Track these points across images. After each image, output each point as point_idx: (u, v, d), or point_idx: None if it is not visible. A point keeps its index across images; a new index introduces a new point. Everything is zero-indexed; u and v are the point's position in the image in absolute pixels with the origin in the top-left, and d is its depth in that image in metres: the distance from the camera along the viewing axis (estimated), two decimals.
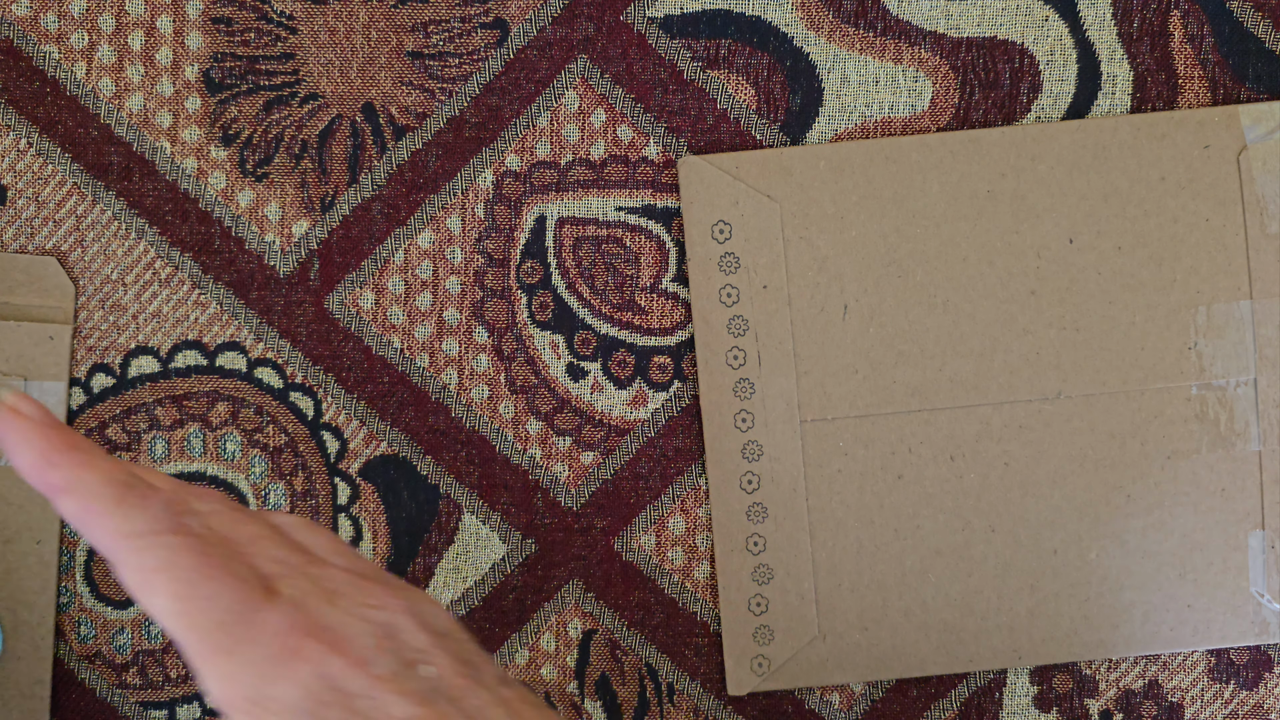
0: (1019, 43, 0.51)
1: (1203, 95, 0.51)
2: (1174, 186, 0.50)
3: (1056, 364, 0.50)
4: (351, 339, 0.51)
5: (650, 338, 0.51)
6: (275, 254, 0.51)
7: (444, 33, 0.51)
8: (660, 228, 0.51)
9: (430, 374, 0.51)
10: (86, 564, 0.51)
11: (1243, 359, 0.50)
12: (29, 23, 0.51)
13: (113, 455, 0.35)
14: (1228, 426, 0.50)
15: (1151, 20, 0.51)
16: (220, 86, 0.51)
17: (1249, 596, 0.51)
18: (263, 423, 0.51)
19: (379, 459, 0.51)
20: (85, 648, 0.51)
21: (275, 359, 0.51)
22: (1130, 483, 0.50)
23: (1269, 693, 0.52)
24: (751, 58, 0.51)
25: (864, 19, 0.51)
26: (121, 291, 0.51)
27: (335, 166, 0.51)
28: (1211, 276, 0.50)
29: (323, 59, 0.51)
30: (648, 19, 0.51)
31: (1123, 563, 0.50)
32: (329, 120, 0.51)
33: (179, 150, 0.51)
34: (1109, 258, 0.50)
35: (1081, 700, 0.52)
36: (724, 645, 0.50)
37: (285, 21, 0.51)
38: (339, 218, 0.51)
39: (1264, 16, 0.51)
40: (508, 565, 0.51)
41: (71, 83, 0.51)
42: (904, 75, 0.51)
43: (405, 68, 0.51)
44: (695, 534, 0.51)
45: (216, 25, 0.51)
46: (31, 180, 0.51)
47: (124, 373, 0.51)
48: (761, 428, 0.50)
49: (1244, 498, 0.50)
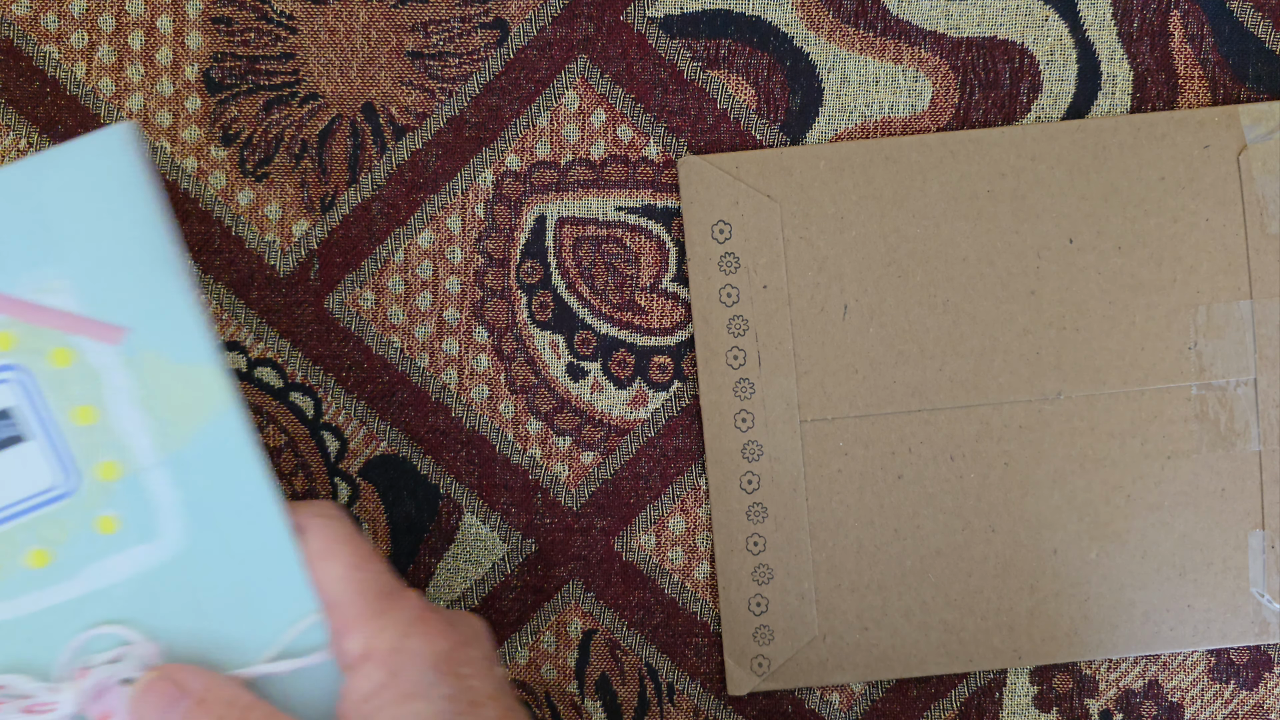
0: (1019, 42, 0.51)
1: (1203, 95, 0.51)
2: (1174, 186, 0.50)
3: (1056, 364, 0.50)
4: (351, 339, 0.51)
5: (650, 338, 0.51)
6: (275, 254, 0.51)
7: (444, 33, 0.51)
8: (660, 228, 0.51)
9: (430, 374, 0.51)
10: None
11: (1243, 359, 0.50)
12: (29, 22, 0.51)
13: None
14: (1228, 426, 0.50)
15: (1151, 20, 0.51)
16: (220, 86, 0.51)
17: (1249, 596, 0.51)
18: (263, 422, 0.51)
19: (379, 459, 0.51)
20: None
21: (275, 359, 0.51)
22: (1130, 483, 0.50)
23: (1269, 693, 0.52)
24: (751, 58, 0.51)
25: (864, 19, 0.51)
26: None
27: (335, 166, 0.51)
28: (1211, 276, 0.50)
29: (323, 59, 0.51)
30: (648, 19, 0.51)
31: (1123, 563, 0.50)
32: (329, 120, 0.51)
33: (179, 150, 0.51)
34: (1109, 258, 0.50)
35: (1081, 700, 0.52)
36: (724, 645, 0.50)
37: (285, 21, 0.51)
38: (339, 217, 0.51)
39: (1264, 16, 0.51)
40: (508, 565, 0.51)
41: (71, 83, 0.51)
42: (904, 75, 0.51)
43: (405, 68, 0.51)
44: (695, 534, 0.51)
45: (216, 25, 0.51)
46: None
47: None
48: (761, 428, 0.50)
49: (1244, 498, 0.50)
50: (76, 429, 0.39)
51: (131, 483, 0.39)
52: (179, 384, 0.39)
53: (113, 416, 0.39)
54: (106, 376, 0.39)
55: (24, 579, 0.39)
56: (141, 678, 0.39)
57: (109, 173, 0.38)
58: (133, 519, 0.39)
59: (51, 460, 0.39)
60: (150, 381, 0.39)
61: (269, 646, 0.40)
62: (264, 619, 0.40)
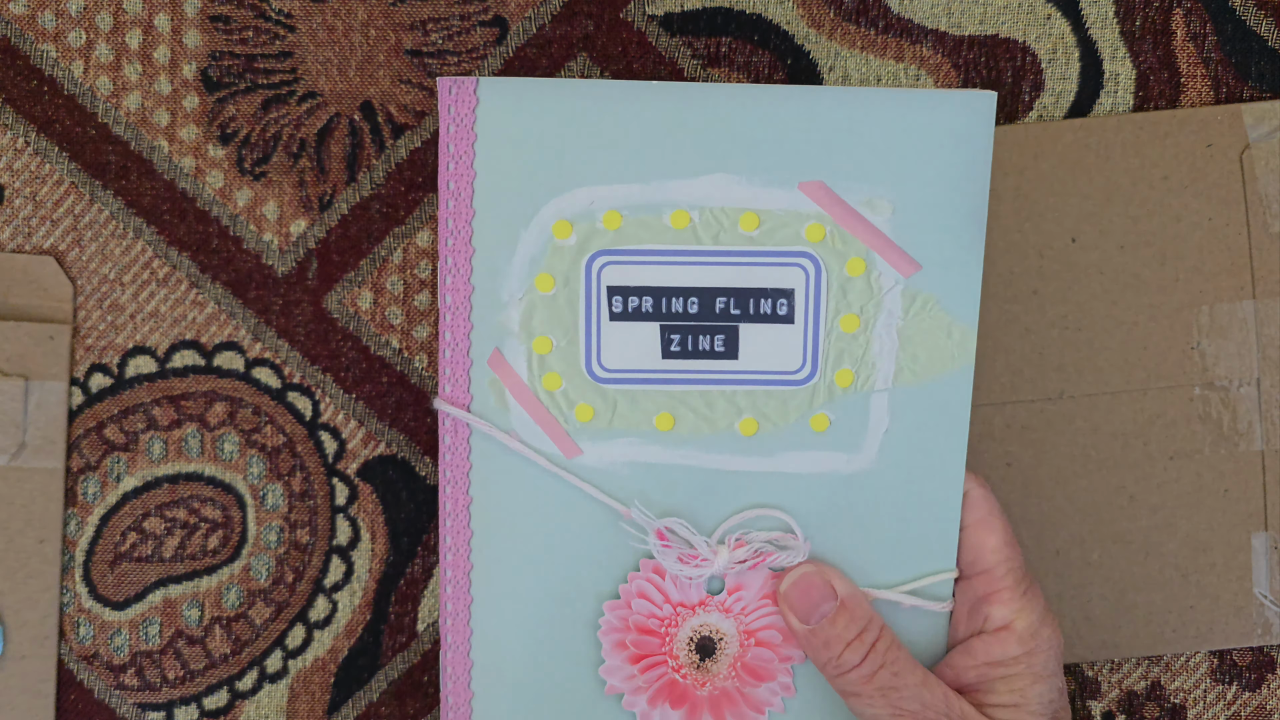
0: (1021, 41, 0.51)
1: (1205, 94, 0.51)
2: (1177, 185, 0.50)
3: (1059, 364, 0.50)
4: (350, 339, 0.51)
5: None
6: (273, 253, 0.51)
7: (443, 30, 0.51)
8: None
9: (429, 374, 0.51)
10: (85, 564, 0.50)
11: (1246, 359, 0.50)
12: (26, 21, 0.51)
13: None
14: (1231, 427, 0.50)
15: (1154, 19, 0.51)
16: (218, 85, 0.51)
17: (1252, 598, 0.50)
18: (260, 423, 0.51)
19: (377, 459, 0.51)
20: (84, 648, 0.51)
21: (273, 359, 0.51)
22: (1133, 483, 0.50)
23: (1271, 694, 0.52)
24: (752, 55, 0.51)
25: (865, 16, 0.51)
26: (119, 291, 0.51)
27: (333, 165, 0.51)
28: (1214, 276, 0.50)
29: (321, 57, 0.51)
30: (647, 16, 0.51)
31: (1125, 564, 0.50)
32: (327, 119, 0.51)
33: (177, 149, 0.51)
34: (1111, 257, 0.50)
35: (1084, 701, 0.51)
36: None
37: (283, 20, 0.51)
38: (337, 217, 0.51)
39: (1267, 15, 0.51)
40: None
41: (69, 81, 0.51)
42: (905, 73, 0.51)
43: (404, 66, 0.51)
44: None
45: (214, 23, 0.51)
46: (29, 179, 0.51)
47: (122, 372, 0.51)
48: None
49: (1247, 499, 0.50)
50: (838, 332, 0.43)
51: (858, 396, 0.43)
52: (940, 332, 0.43)
53: (872, 335, 0.43)
54: (884, 299, 0.42)
55: (727, 439, 0.43)
56: (797, 567, 0.43)
57: (967, 130, 0.42)
58: (844, 427, 0.43)
59: (804, 348, 0.43)
60: (918, 319, 0.42)
61: (904, 581, 0.44)
62: (911, 556, 0.44)
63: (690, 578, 0.43)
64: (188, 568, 0.51)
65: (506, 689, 0.44)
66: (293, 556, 0.51)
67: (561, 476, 0.43)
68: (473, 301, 0.43)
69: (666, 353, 0.43)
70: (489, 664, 0.44)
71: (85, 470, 0.51)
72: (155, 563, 0.51)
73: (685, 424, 0.43)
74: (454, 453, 0.44)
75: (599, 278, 0.42)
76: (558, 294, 0.43)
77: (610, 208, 0.42)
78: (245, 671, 0.51)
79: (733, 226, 0.42)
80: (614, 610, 0.44)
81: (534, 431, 0.43)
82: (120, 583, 0.51)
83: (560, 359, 0.43)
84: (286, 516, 0.51)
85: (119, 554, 0.51)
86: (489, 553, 0.44)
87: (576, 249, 0.42)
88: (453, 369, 0.43)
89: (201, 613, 0.51)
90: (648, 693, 0.44)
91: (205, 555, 0.51)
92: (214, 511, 0.51)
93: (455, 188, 0.42)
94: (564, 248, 0.42)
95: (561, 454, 0.43)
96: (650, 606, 0.44)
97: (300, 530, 0.51)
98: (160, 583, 0.51)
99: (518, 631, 0.44)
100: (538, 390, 0.43)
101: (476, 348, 0.43)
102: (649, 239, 0.42)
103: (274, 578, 0.51)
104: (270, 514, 0.51)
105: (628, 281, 0.42)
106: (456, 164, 0.42)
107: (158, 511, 0.51)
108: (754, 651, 0.44)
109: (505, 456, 0.43)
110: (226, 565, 0.51)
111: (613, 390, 0.43)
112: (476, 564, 0.44)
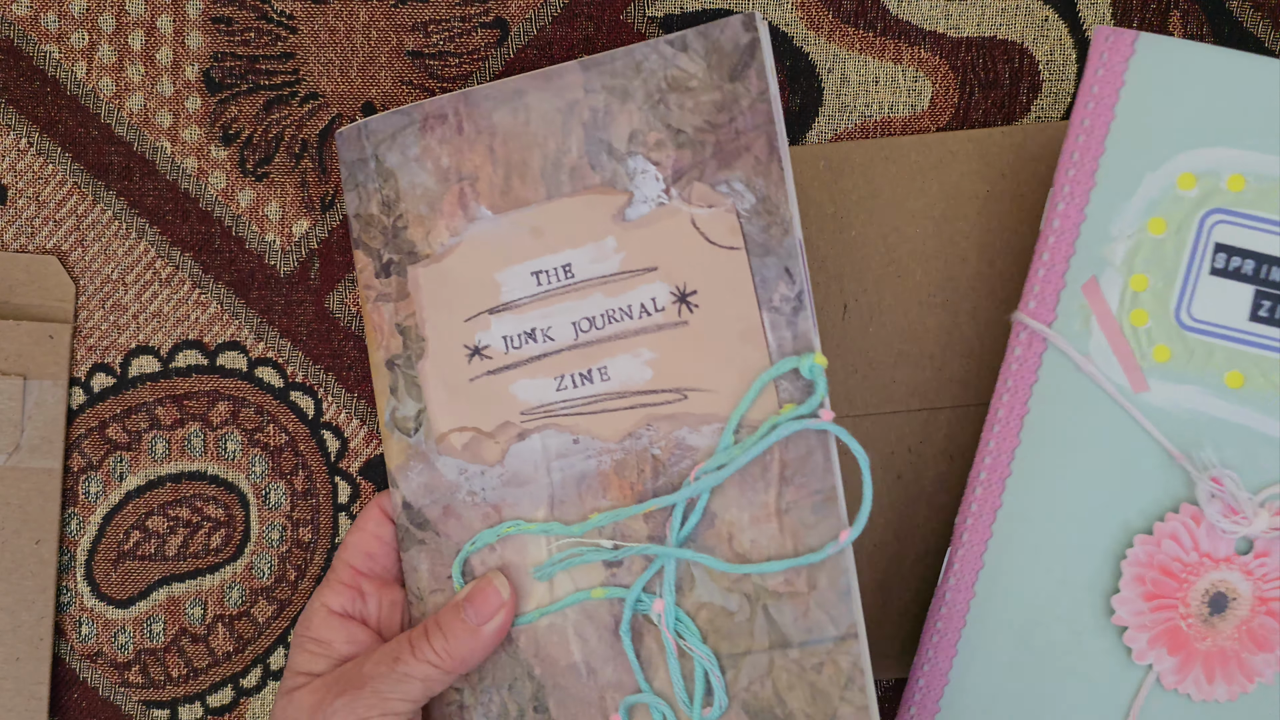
0: (1019, 42, 0.51)
1: None
2: None
3: None
4: (352, 338, 0.51)
5: None
6: (275, 253, 0.51)
7: (444, 32, 0.51)
8: None
9: None
10: (87, 563, 0.51)
11: None
12: (29, 22, 0.51)
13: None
14: None
15: (1151, 20, 0.51)
16: (220, 86, 0.51)
17: None
18: (263, 422, 0.51)
19: (379, 458, 0.51)
20: (86, 647, 0.51)
21: (276, 358, 0.51)
22: None
23: None
24: None
25: (864, 19, 0.51)
26: (122, 291, 0.51)
27: (335, 165, 0.51)
28: None
29: (323, 58, 0.51)
30: (648, 18, 0.51)
31: None
32: (329, 119, 0.51)
33: (179, 150, 0.51)
34: None
35: None
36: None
37: (285, 21, 0.51)
38: (339, 217, 0.51)
39: (1263, 16, 0.51)
40: None
41: (72, 82, 0.51)
42: (904, 75, 0.51)
43: (405, 67, 0.51)
44: None
45: (216, 25, 0.51)
46: (32, 180, 0.51)
47: (124, 372, 0.51)
48: None
49: None
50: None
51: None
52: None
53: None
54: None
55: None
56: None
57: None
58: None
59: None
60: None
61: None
62: None
63: (1226, 531, 0.44)
64: (191, 566, 0.51)
65: (1009, 596, 0.45)
66: (295, 555, 0.51)
67: (1125, 407, 0.44)
68: (1081, 229, 0.44)
69: (1254, 316, 0.44)
70: (998, 568, 0.45)
71: (87, 470, 0.51)
72: (158, 561, 0.51)
73: (1254, 385, 0.44)
74: (1022, 364, 0.45)
75: (1210, 233, 0.44)
76: (1166, 239, 0.44)
77: (1237, 171, 0.43)
78: (249, 669, 0.51)
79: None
80: (1144, 544, 0.45)
81: (1109, 360, 0.45)
82: (124, 581, 0.51)
83: (1153, 299, 0.44)
84: (289, 515, 0.51)
85: (122, 552, 0.51)
86: (1031, 464, 0.45)
87: (1195, 202, 0.44)
88: (1043, 288, 0.45)
89: (205, 611, 0.51)
90: (1151, 632, 0.45)
91: (208, 554, 0.51)
92: (217, 510, 0.51)
93: (1090, 125, 0.44)
94: (1184, 198, 0.44)
95: (1130, 386, 0.44)
96: (1178, 550, 0.44)
97: (303, 528, 0.51)
98: (163, 581, 0.51)
99: (1035, 543, 0.45)
100: (1124, 323, 0.44)
101: (1073, 272, 0.44)
102: (1267, 208, 0.43)
103: (276, 576, 0.51)
104: (273, 512, 0.51)
105: (1236, 242, 0.44)
106: (1097, 105, 0.44)
107: (161, 510, 0.51)
108: (1262, 619, 0.45)
109: (1074, 377, 0.45)
110: (229, 564, 0.51)
111: (1194, 339, 0.44)
112: (1015, 472, 0.45)
